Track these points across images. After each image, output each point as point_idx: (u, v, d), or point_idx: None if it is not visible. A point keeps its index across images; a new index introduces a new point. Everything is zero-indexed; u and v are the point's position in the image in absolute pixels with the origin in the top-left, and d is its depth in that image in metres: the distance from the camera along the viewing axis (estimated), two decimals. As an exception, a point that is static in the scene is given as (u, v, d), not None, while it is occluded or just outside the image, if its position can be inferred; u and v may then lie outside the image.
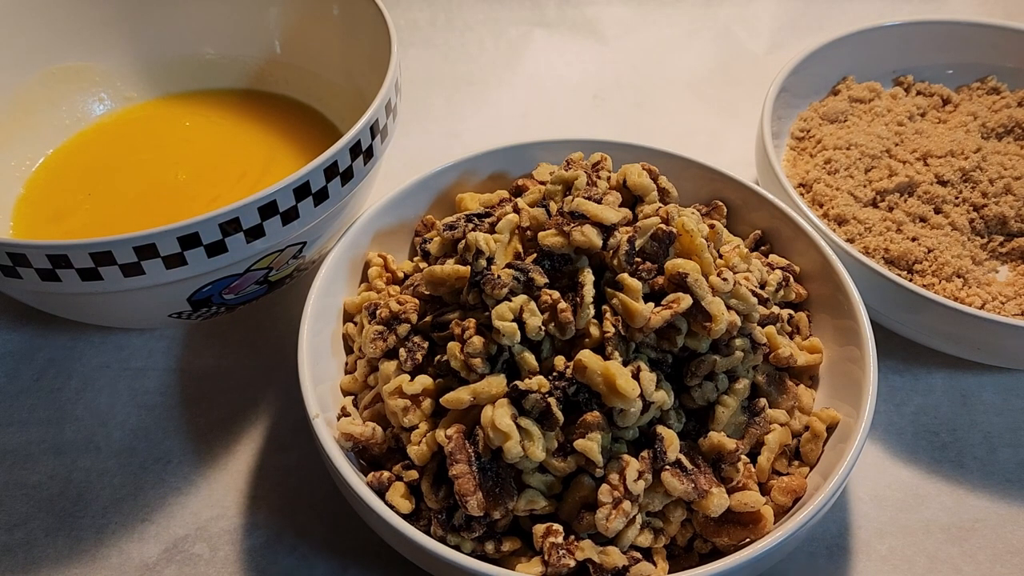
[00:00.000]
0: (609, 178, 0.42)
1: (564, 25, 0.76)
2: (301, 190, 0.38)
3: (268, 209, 0.38)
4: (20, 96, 0.53)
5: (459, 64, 0.72)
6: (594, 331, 0.36)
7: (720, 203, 0.47)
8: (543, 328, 0.36)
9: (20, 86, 0.53)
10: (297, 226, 0.40)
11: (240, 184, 0.50)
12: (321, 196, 0.40)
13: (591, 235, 0.37)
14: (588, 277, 0.37)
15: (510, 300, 0.36)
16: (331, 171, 0.40)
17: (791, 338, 0.43)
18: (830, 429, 0.40)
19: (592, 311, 0.37)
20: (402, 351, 0.39)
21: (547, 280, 0.37)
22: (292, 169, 0.39)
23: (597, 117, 0.69)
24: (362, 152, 0.41)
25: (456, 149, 0.49)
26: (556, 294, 0.37)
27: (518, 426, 0.35)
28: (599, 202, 0.39)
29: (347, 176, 0.41)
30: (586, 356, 0.35)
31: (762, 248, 0.47)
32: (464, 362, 0.36)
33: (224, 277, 0.40)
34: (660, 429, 0.36)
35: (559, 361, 0.36)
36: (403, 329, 0.39)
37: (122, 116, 0.57)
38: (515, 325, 0.36)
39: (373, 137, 0.42)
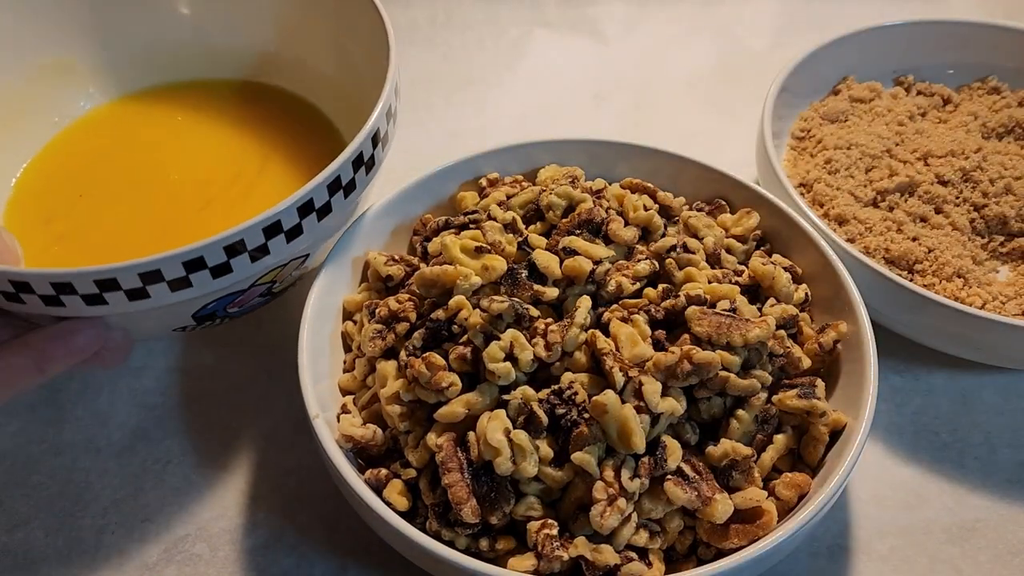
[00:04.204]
0: (608, 209, 0.43)
1: (564, 25, 0.76)
2: (305, 207, 0.38)
3: (272, 229, 0.37)
4: (4, 95, 0.52)
5: (459, 63, 0.72)
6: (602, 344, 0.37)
7: (723, 202, 0.47)
8: (535, 360, 0.37)
9: (3, 85, 0.51)
10: (301, 242, 0.39)
11: (235, 186, 0.49)
12: (325, 211, 0.39)
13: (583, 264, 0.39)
14: (584, 302, 0.38)
15: (498, 339, 0.37)
16: (334, 186, 0.39)
17: (794, 339, 0.43)
18: (834, 432, 0.39)
19: (582, 336, 0.37)
20: (402, 353, 0.39)
21: (539, 313, 0.38)
22: (287, 170, 0.38)
23: (597, 117, 0.69)
24: (364, 163, 0.41)
25: (456, 149, 0.48)
26: (549, 321, 0.38)
27: (511, 441, 0.35)
28: (602, 228, 0.42)
29: (350, 188, 0.41)
30: (608, 398, 0.35)
31: (763, 248, 0.47)
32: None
33: (229, 294, 0.40)
34: (663, 437, 0.36)
35: (566, 378, 0.36)
36: (402, 328, 0.39)
37: (112, 110, 0.55)
38: (509, 365, 0.36)
39: (375, 146, 0.42)
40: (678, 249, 0.42)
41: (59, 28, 0.53)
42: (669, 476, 0.35)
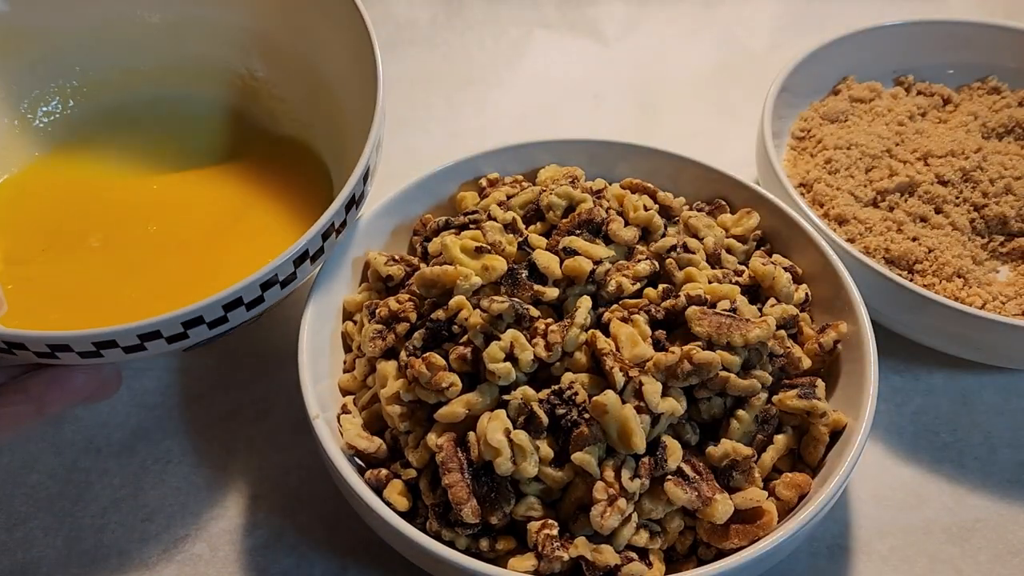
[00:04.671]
0: (608, 209, 0.43)
1: (564, 25, 0.76)
2: (300, 258, 0.38)
3: (269, 282, 0.37)
4: None
5: (459, 63, 0.72)
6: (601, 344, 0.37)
7: (723, 202, 0.47)
8: (535, 360, 0.37)
9: None
10: (295, 285, 0.39)
11: (215, 230, 0.47)
12: (318, 255, 0.40)
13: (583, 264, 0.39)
14: (584, 302, 0.38)
15: (499, 339, 0.37)
16: (328, 232, 0.39)
17: (794, 339, 0.43)
18: (834, 432, 0.39)
19: (582, 336, 0.37)
20: (402, 353, 0.39)
21: (539, 313, 0.38)
22: (271, 210, 0.38)
23: (597, 117, 0.69)
24: (355, 201, 0.41)
25: (456, 149, 0.48)
26: (549, 321, 0.38)
27: (511, 441, 0.35)
28: (602, 228, 0.41)
29: (341, 227, 0.41)
30: (609, 399, 0.35)
31: (763, 248, 0.47)
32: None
33: (222, 332, 0.40)
34: (664, 437, 0.36)
35: (566, 378, 0.36)
36: (402, 328, 0.39)
37: (78, 145, 0.51)
38: (509, 365, 0.36)
39: (365, 183, 0.42)
40: (678, 249, 0.42)
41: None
42: (669, 476, 0.35)
